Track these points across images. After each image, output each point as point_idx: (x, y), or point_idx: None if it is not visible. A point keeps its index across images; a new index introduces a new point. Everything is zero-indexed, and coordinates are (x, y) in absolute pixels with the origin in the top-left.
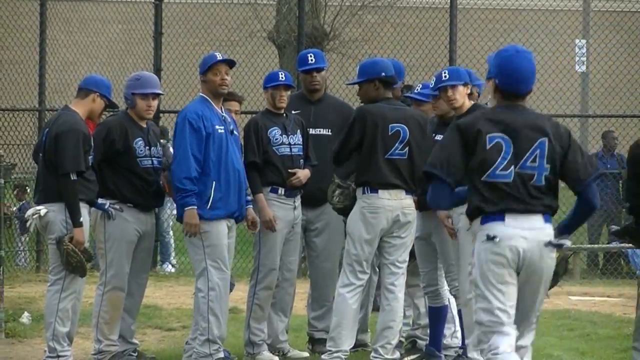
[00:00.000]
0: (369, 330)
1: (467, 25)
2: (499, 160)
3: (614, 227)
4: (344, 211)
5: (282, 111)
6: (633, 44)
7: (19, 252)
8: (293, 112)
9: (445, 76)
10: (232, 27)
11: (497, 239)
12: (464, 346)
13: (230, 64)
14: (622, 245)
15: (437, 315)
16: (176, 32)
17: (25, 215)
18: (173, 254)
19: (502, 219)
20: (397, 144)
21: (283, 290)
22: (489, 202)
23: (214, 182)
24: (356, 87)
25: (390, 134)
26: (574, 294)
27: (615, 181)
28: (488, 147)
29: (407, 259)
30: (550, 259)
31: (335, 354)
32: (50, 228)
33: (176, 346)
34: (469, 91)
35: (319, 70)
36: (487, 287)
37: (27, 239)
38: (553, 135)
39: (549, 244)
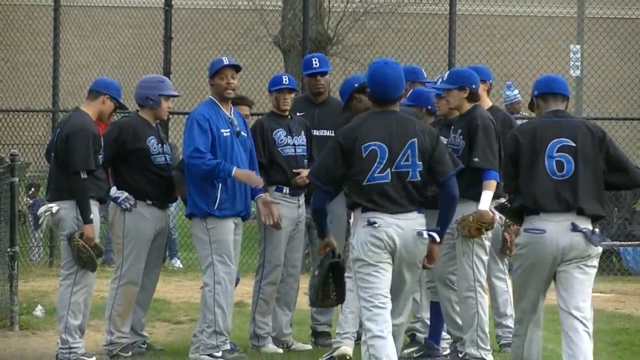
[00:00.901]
0: None
1: (465, 31)
2: (375, 165)
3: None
4: None
5: (287, 113)
6: (626, 49)
7: (33, 248)
8: (298, 114)
9: (443, 78)
10: (239, 32)
11: (377, 225)
12: (430, 341)
13: (237, 68)
14: (614, 243)
15: (438, 310)
16: (185, 37)
17: (38, 213)
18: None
19: (383, 212)
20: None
21: (287, 285)
22: (371, 201)
23: (220, 184)
24: None
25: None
26: None
27: None
28: (364, 155)
29: None
30: (422, 245)
31: (344, 335)
32: (62, 225)
33: (184, 338)
34: (465, 94)
35: (323, 74)
36: (364, 268)
37: (41, 235)
38: (422, 135)
39: (420, 233)
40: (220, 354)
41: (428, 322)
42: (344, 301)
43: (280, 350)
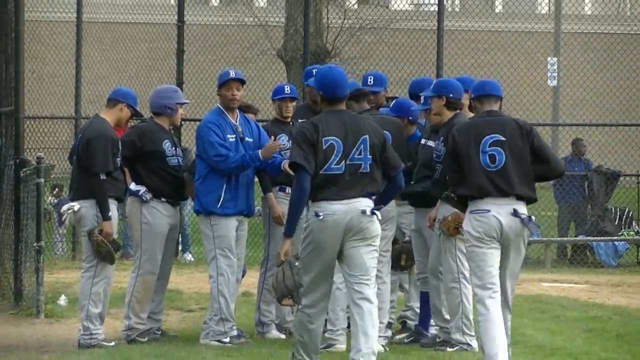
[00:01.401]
0: None
1: (452, 45)
2: (332, 157)
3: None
4: None
5: (289, 120)
6: (599, 61)
7: (57, 243)
8: (299, 120)
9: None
10: (246, 45)
11: (322, 217)
12: (419, 327)
13: (242, 81)
14: (588, 238)
15: (427, 299)
16: (196, 50)
17: (61, 211)
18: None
19: (333, 200)
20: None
21: None
22: (325, 189)
23: (224, 184)
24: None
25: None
26: (545, 281)
27: (581, 182)
28: (324, 147)
29: (390, 249)
30: (371, 223)
31: (337, 332)
32: (83, 222)
33: (195, 325)
34: (443, 102)
35: None
36: (313, 254)
37: (64, 231)
38: (372, 132)
39: (364, 211)
40: (228, 339)
41: (418, 310)
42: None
43: (283, 336)
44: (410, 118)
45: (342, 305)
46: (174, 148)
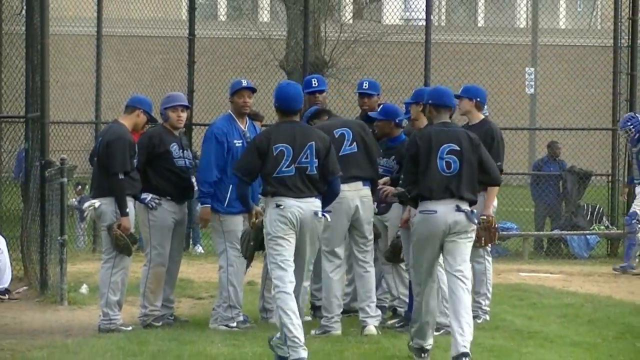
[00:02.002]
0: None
1: (438, 56)
2: (283, 161)
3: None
4: None
5: None
6: (572, 71)
7: (79, 237)
8: None
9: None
10: (251, 57)
11: (282, 206)
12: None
13: (253, 90)
14: (562, 232)
15: None
16: (205, 61)
17: (83, 207)
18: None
19: (290, 197)
20: (345, 143)
21: None
22: (280, 189)
23: (230, 186)
24: (348, 105)
25: (337, 137)
26: (523, 271)
27: (556, 181)
28: (275, 153)
29: (372, 238)
30: (318, 222)
31: (333, 319)
32: (103, 217)
33: (205, 311)
34: (420, 108)
35: (320, 92)
36: (274, 240)
37: (85, 225)
38: (318, 140)
39: (316, 213)
40: (234, 324)
41: (404, 298)
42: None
43: None
44: (397, 121)
45: (336, 293)
46: (181, 150)
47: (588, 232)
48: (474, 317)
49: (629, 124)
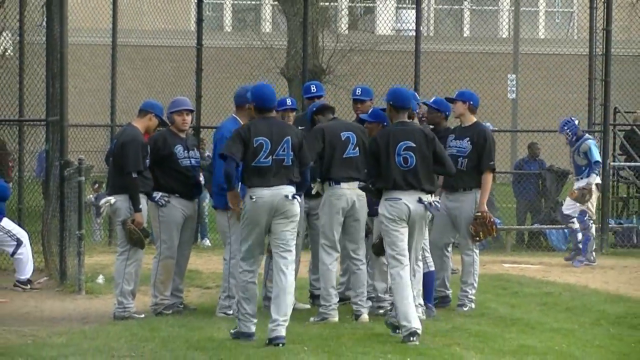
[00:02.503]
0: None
1: (427, 64)
2: (261, 152)
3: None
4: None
5: None
6: (550, 77)
7: (95, 231)
8: (299, 127)
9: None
10: (253, 64)
11: (255, 200)
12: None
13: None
14: (542, 226)
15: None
16: (212, 69)
17: (99, 204)
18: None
19: (263, 187)
20: (349, 146)
21: None
22: (256, 178)
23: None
24: (344, 109)
25: (342, 139)
26: (506, 263)
27: (536, 179)
28: (255, 145)
29: (364, 235)
30: (292, 205)
31: (330, 307)
32: (118, 213)
33: (212, 300)
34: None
35: (319, 97)
36: (248, 228)
37: (101, 221)
38: (293, 135)
39: (287, 196)
40: (231, 312)
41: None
42: None
43: None
44: (385, 124)
45: (333, 284)
46: (186, 151)
47: (565, 226)
48: (461, 306)
49: (565, 128)
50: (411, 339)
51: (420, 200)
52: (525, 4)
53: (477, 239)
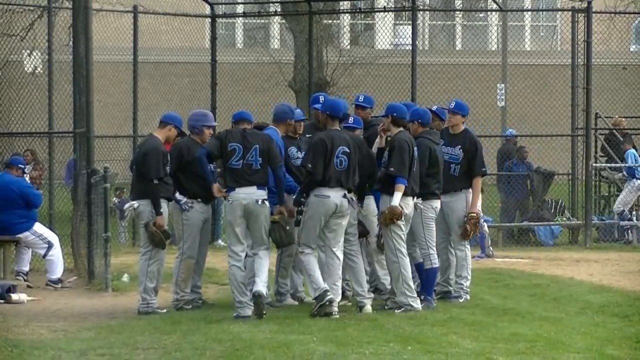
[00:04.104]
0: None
1: (423, 76)
2: (234, 156)
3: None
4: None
5: (298, 136)
6: (536, 87)
7: (120, 233)
8: (307, 135)
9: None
10: (263, 78)
11: (232, 201)
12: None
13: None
14: (530, 223)
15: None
16: (226, 83)
17: (124, 208)
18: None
19: (235, 189)
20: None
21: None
22: (231, 179)
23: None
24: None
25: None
26: (498, 257)
27: (524, 180)
28: (229, 149)
29: (357, 233)
30: (262, 207)
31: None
32: (141, 216)
33: (228, 296)
34: (390, 120)
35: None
36: (231, 228)
37: (125, 224)
38: (261, 142)
39: (257, 200)
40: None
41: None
42: None
43: (296, 303)
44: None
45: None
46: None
47: (552, 223)
48: (457, 297)
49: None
50: (332, 308)
51: (344, 196)
52: (512, 19)
53: (466, 236)
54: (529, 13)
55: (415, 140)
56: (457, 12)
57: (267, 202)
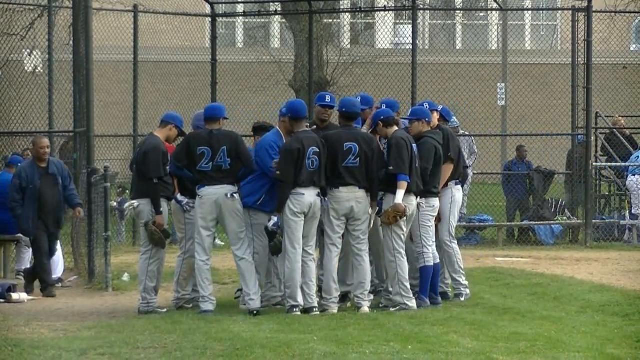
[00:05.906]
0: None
1: (423, 75)
2: (203, 159)
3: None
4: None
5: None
6: (536, 86)
7: (120, 232)
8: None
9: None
10: (264, 77)
11: (202, 197)
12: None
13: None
14: (531, 222)
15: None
16: (226, 82)
17: (124, 207)
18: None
19: (205, 186)
20: (350, 157)
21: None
22: (203, 180)
23: (267, 185)
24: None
25: (344, 149)
26: (498, 256)
27: (525, 179)
28: (198, 153)
29: (367, 232)
30: (232, 202)
31: (330, 300)
32: (141, 215)
33: (228, 295)
34: (380, 126)
35: (331, 107)
36: (202, 224)
37: (126, 223)
38: (229, 143)
39: (226, 194)
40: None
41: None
42: None
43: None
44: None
45: (334, 278)
46: None
47: (552, 222)
48: (458, 295)
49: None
50: (294, 310)
51: (318, 194)
52: (513, 18)
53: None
54: (529, 12)
55: (420, 140)
56: (458, 12)
57: (236, 196)
